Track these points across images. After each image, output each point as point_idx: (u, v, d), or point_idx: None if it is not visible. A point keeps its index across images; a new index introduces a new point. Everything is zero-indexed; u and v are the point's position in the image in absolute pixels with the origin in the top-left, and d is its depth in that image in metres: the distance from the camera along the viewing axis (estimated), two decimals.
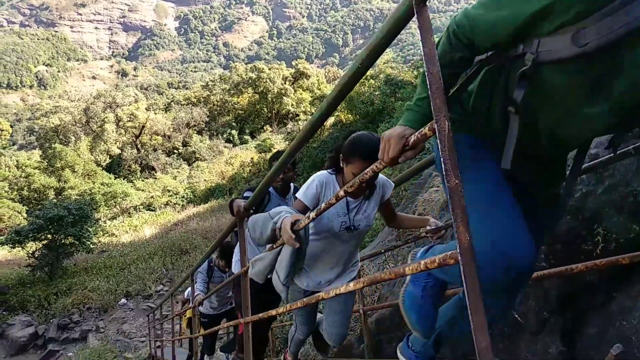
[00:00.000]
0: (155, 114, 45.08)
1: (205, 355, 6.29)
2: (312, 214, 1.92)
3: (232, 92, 46.21)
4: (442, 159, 1.11)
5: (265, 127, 44.16)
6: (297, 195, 2.51)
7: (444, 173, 1.11)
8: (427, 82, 1.17)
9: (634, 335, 2.11)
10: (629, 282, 2.28)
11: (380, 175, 2.56)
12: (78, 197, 27.66)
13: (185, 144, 42.70)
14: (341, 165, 2.41)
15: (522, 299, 2.75)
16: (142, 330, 14.33)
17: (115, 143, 41.07)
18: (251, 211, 3.30)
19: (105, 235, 24.12)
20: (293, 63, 54.70)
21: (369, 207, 2.55)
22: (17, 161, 39.55)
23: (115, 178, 36.94)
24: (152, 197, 32.63)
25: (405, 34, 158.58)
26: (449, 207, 1.09)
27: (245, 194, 3.34)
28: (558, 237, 2.52)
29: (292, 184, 3.59)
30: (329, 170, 2.54)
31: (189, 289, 6.82)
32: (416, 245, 4.66)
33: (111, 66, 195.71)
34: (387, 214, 2.72)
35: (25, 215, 26.35)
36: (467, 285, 1.03)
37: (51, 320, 15.39)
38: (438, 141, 1.13)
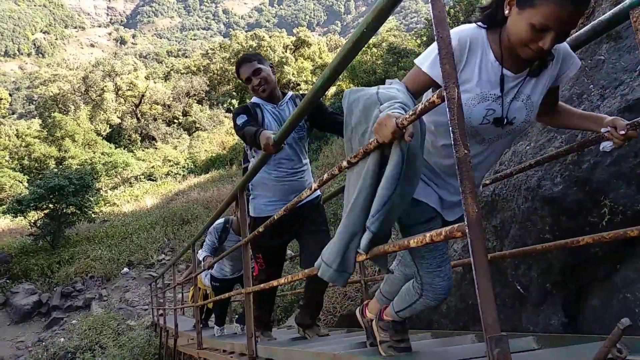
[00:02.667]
0: (155, 83, 44.61)
1: (216, 327, 5.48)
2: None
3: (232, 60, 45.53)
4: (450, 128, 1.06)
5: None
6: (417, 62, 1.57)
7: (452, 142, 1.06)
8: (437, 46, 1.11)
9: (637, 308, 2.09)
10: (634, 254, 2.26)
11: (563, 45, 1.58)
12: (79, 167, 27.57)
13: (185, 114, 42.37)
14: (505, 12, 1.45)
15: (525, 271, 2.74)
16: (144, 298, 14.50)
17: (115, 112, 40.76)
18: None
19: (107, 204, 24.17)
20: (294, 31, 53.87)
21: (535, 89, 1.58)
22: (17, 130, 39.38)
23: (116, 148, 36.78)
24: (152, 167, 32.58)
25: (408, 1, 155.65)
26: (458, 178, 1.05)
27: (239, 120, 2.95)
28: (564, 208, 2.49)
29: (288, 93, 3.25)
30: (478, 24, 1.56)
31: (200, 250, 6.67)
32: None
33: (109, 34, 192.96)
34: (548, 101, 1.69)
35: (26, 184, 26.36)
36: (475, 260, 1.00)
37: (54, 289, 15.56)
38: (447, 109, 1.08)
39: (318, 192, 3.27)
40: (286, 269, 8.65)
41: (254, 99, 3.17)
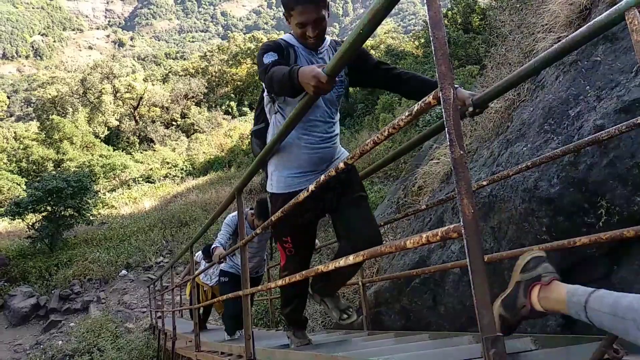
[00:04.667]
0: (153, 85, 44.58)
1: (226, 334, 5.01)
2: None
3: (230, 62, 45.62)
4: (446, 129, 1.06)
5: None
6: None
7: (448, 144, 1.06)
8: (433, 47, 1.11)
9: None
10: (630, 255, 2.26)
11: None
12: (77, 169, 27.50)
13: (183, 116, 42.34)
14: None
15: None
16: (143, 301, 14.47)
17: (113, 115, 40.73)
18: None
19: (105, 207, 24.13)
20: None
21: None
22: (15, 133, 39.35)
23: (114, 150, 36.76)
24: (151, 169, 32.53)
25: (406, 3, 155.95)
26: (453, 179, 1.05)
27: (268, 58, 2.24)
28: (560, 209, 2.49)
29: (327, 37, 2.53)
30: None
31: (199, 252, 6.67)
32: (416, 218, 4.65)
33: (107, 36, 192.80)
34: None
35: (24, 187, 26.31)
36: (471, 260, 1.00)
37: (52, 291, 15.51)
38: (443, 110, 1.08)
39: (347, 154, 2.60)
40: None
41: (288, 37, 2.47)
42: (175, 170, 32.28)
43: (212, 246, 4.26)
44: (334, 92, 2.51)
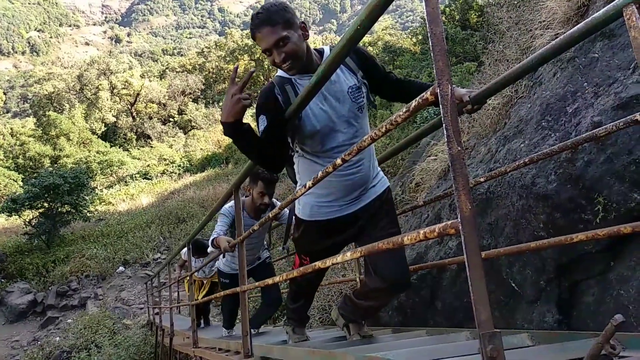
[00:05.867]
0: (150, 81, 44.49)
1: (224, 329, 4.90)
2: None
3: (227, 59, 45.51)
4: (444, 125, 1.06)
5: None
6: None
7: (445, 140, 1.06)
8: (430, 42, 1.11)
9: (631, 305, 2.10)
10: (628, 251, 2.27)
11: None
12: (74, 166, 27.49)
13: (180, 112, 42.27)
14: None
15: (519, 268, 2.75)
16: (140, 297, 14.48)
17: (110, 111, 40.65)
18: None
19: (102, 203, 24.12)
20: None
21: None
22: (11, 129, 39.24)
23: (111, 146, 36.71)
24: (148, 165, 32.50)
25: (404, 0, 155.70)
26: (450, 175, 1.05)
27: (260, 125, 2.12)
28: (558, 206, 2.49)
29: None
30: None
31: (185, 249, 6.56)
32: (413, 215, 4.65)
33: (104, 32, 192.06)
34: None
35: (21, 183, 26.27)
36: (468, 256, 1.00)
37: (50, 288, 15.51)
38: (440, 106, 1.08)
39: (387, 183, 2.47)
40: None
41: (281, 72, 2.25)
42: (172, 166, 32.24)
43: (211, 238, 3.97)
44: (353, 104, 2.20)
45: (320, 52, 2.29)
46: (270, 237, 5.04)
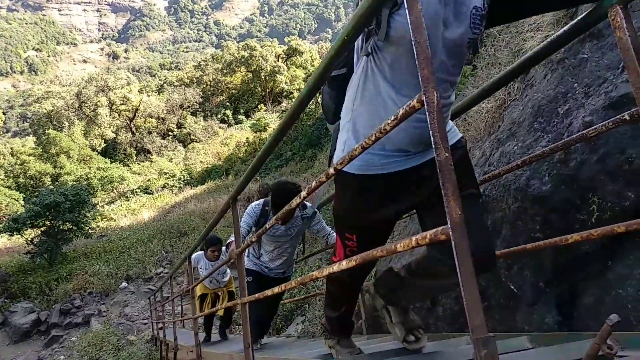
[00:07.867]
0: (148, 96, 44.68)
1: (256, 340, 4.12)
2: None
3: (224, 71, 45.73)
4: (431, 132, 1.07)
5: (259, 106, 43.88)
6: None
7: (433, 146, 1.07)
8: (415, 51, 1.12)
9: (630, 304, 2.10)
10: (625, 250, 2.27)
11: None
12: (74, 183, 27.51)
13: (179, 126, 42.40)
14: None
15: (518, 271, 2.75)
16: (144, 312, 14.43)
17: (110, 127, 40.81)
18: None
19: (104, 219, 24.11)
20: (285, 40, 54.17)
21: None
22: (11, 148, 39.31)
23: (111, 162, 36.78)
24: (148, 180, 32.56)
25: None
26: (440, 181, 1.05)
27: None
28: (553, 207, 2.50)
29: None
30: None
31: (195, 254, 6.26)
32: (411, 220, 4.65)
33: (102, 49, 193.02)
34: None
35: (22, 202, 26.27)
36: (459, 262, 1.01)
37: (53, 306, 15.46)
38: (427, 113, 1.09)
39: (459, 135, 1.88)
40: None
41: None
42: (172, 180, 32.30)
43: (228, 241, 3.75)
44: (467, 33, 1.60)
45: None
46: (304, 242, 4.62)
